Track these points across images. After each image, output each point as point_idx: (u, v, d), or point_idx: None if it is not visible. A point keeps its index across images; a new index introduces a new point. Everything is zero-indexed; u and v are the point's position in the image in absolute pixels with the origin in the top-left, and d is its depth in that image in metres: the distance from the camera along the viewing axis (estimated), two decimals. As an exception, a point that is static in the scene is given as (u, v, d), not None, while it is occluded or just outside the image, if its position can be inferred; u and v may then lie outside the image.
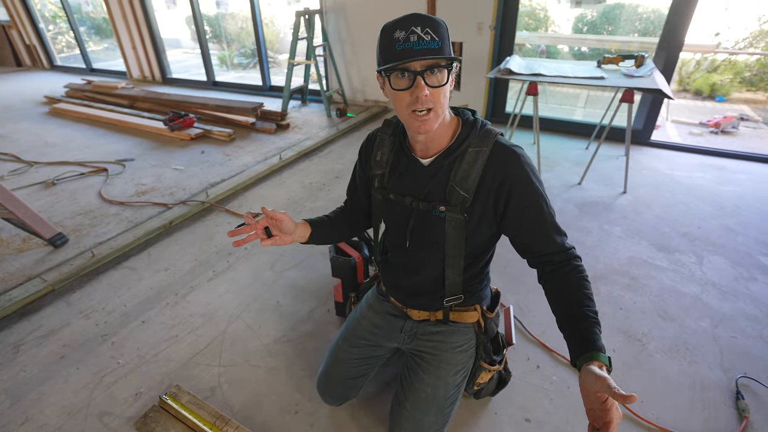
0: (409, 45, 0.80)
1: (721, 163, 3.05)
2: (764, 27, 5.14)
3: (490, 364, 1.16)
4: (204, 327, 1.67)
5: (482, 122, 0.97)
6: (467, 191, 0.93)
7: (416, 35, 0.80)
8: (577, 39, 6.31)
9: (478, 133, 0.94)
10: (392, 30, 0.81)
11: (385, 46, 0.83)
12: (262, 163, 3.12)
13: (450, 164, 0.95)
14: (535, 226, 0.94)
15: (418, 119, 0.85)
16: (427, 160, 0.97)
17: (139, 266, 2.05)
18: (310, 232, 1.11)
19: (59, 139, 3.71)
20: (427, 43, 0.80)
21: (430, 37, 0.80)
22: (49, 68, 7.03)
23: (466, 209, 0.95)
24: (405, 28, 0.80)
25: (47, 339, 1.63)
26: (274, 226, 1.00)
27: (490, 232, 1.01)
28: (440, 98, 0.85)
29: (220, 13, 8.51)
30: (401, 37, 0.80)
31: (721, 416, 1.29)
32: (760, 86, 5.20)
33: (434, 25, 0.81)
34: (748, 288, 1.81)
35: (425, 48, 0.80)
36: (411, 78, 0.82)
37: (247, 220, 0.96)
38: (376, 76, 0.90)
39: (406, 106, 0.85)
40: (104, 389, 1.42)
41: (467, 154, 0.93)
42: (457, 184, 0.94)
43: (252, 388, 1.41)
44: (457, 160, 0.94)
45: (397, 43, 0.81)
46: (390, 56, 0.82)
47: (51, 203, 2.63)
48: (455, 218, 0.96)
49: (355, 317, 1.28)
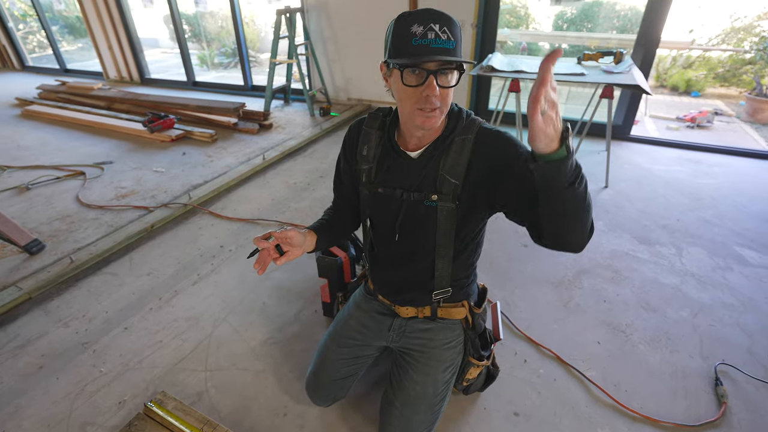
0: (426, 42, 0.78)
1: (697, 157, 3.13)
2: (735, 24, 5.30)
3: (478, 359, 1.17)
4: (189, 331, 1.64)
5: (467, 112, 0.98)
6: (457, 178, 0.94)
7: (434, 33, 0.78)
8: (558, 36, 6.40)
9: (464, 123, 0.95)
10: (410, 22, 0.79)
11: (400, 37, 0.80)
12: (246, 164, 3.08)
13: (439, 155, 0.95)
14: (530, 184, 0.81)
15: (423, 115, 0.85)
16: (416, 152, 0.97)
17: (120, 271, 2.00)
18: (317, 239, 1.09)
19: (33, 143, 3.59)
20: (444, 42, 0.79)
21: (446, 36, 0.79)
22: (20, 69, 6.80)
23: (457, 197, 0.96)
24: (423, 23, 0.78)
25: (24, 349, 1.57)
26: (285, 243, 0.98)
27: (479, 217, 1.01)
28: (448, 98, 0.85)
29: (199, 11, 8.35)
30: (419, 32, 0.78)
31: (702, 403, 1.32)
32: (732, 82, 5.35)
33: (451, 24, 0.80)
34: (725, 277, 1.87)
35: (441, 47, 0.79)
36: (423, 76, 0.81)
37: (259, 245, 0.95)
38: (381, 66, 0.89)
39: (414, 102, 0.84)
40: (86, 399, 1.38)
41: (454, 143, 0.94)
42: (446, 173, 0.94)
43: (240, 392, 1.39)
44: (445, 150, 0.95)
45: (413, 38, 0.79)
46: (406, 51, 0.80)
47: (25, 209, 2.54)
48: (447, 207, 0.96)
49: (342, 317, 1.28)
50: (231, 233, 2.28)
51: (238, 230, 2.31)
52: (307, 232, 1.07)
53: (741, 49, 5.23)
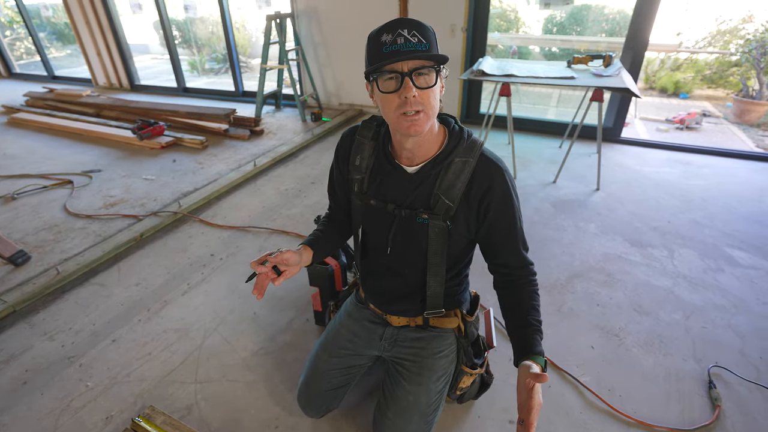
0: (396, 47, 0.79)
1: (687, 158, 3.16)
2: (721, 27, 5.38)
3: (471, 368, 1.15)
4: (179, 342, 1.61)
5: (468, 132, 0.97)
6: (452, 200, 0.93)
7: (403, 38, 0.79)
8: (548, 40, 6.45)
9: (465, 143, 0.94)
10: (379, 34, 0.81)
11: (372, 50, 0.82)
12: (236, 171, 3.05)
13: (437, 173, 0.94)
14: (506, 240, 0.98)
15: (407, 120, 0.83)
16: (413, 168, 0.96)
17: (108, 282, 1.97)
18: (312, 254, 1.08)
19: (19, 151, 3.54)
20: (415, 44, 0.79)
21: (417, 39, 0.79)
22: (7, 76, 6.71)
23: (450, 218, 0.95)
24: (391, 31, 0.79)
25: (8, 364, 1.53)
26: (281, 263, 0.96)
27: (468, 240, 1.01)
28: (430, 100, 0.84)
29: (189, 17, 8.30)
30: (388, 40, 0.79)
31: (696, 406, 1.32)
32: (719, 83, 5.43)
33: (421, 28, 0.81)
34: (716, 279, 1.87)
35: (412, 50, 0.79)
36: (398, 79, 0.81)
37: (256, 269, 0.94)
38: (366, 85, 0.89)
39: (395, 108, 0.83)
40: (72, 415, 1.34)
41: (454, 164, 0.93)
42: (442, 193, 0.93)
43: (230, 404, 1.37)
44: (444, 169, 0.94)
45: (383, 46, 0.80)
46: (376, 59, 0.81)
47: (11, 219, 2.49)
48: (438, 225, 0.95)
49: (334, 326, 1.26)
50: (222, 241, 2.26)
51: (229, 238, 2.28)
52: (303, 249, 1.05)
53: (727, 52, 5.31)
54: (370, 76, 0.84)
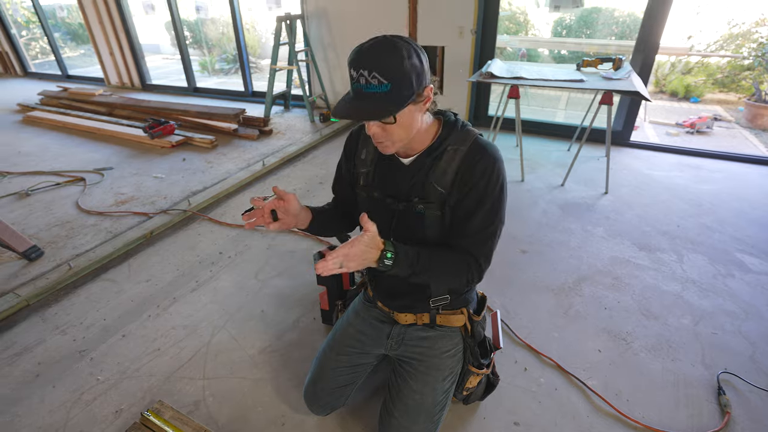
0: (359, 86, 0.82)
1: (697, 163, 3.13)
2: (733, 30, 5.32)
3: (477, 368, 1.16)
4: (187, 339, 1.63)
5: (463, 123, 0.98)
6: (444, 187, 0.94)
7: (364, 78, 0.80)
8: (557, 42, 6.43)
9: (458, 132, 0.95)
10: (350, 65, 0.83)
11: (349, 76, 0.85)
12: (245, 170, 3.08)
13: (430, 162, 0.96)
14: (464, 219, 0.95)
15: (376, 144, 0.90)
16: (408, 159, 0.98)
17: (119, 278, 2.00)
18: (311, 218, 1.09)
19: (34, 148, 3.60)
20: (375, 87, 0.80)
21: (377, 81, 0.79)
22: (23, 75, 6.83)
23: (442, 205, 0.96)
24: (356, 68, 0.81)
25: (21, 357, 1.56)
26: (280, 208, 0.99)
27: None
28: (393, 134, 0.87)
29: (201, 18, 8.39)
30: (354, 75, 0.82)
31: (704, 412, 1.31)
32: (731, 87, 5.37)
33: (384, 64, 0.78)
34: (726, 284, 1.86)
35: (372, 92, 0.80)
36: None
37: (255, 203, 0.97)
38: None
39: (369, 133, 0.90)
40: (82, 408, 1.37)
41: (446, 153, 0.94)
42: (435, 181, 0.95)
43: (237, 401, 1.38)
44: (437, 158, 0.95)
45: (352, 80, 0.83)
46: (345, 95, 0.87)
47: (25, 215, 2.54)
48: (433, 214, 0.97)
49: (341, 325, 1.27)
50: (230, 240, 2.28)
51: (237, 237, 2.31)
52: (304, 208, 1.07)
53: (739, 56, 5.25)
54: None
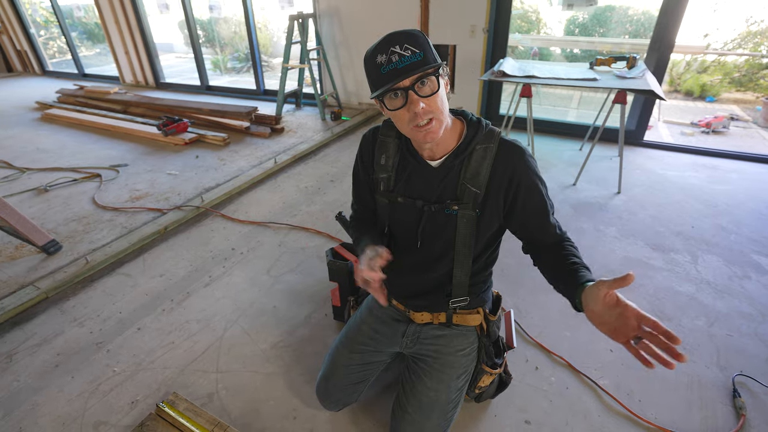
0: (393, 66, 0.82)
1: (713, 163, 3.08)
2: (752, 28, 5.21)
3: (491, 367, 1.16)
4: (201, 333, 1.66)
5: (486, 122, 0.99)
6: (479, 187, 0.95)
7: (397, 54, 0.82)
8: (569, 41, 6.36)
9: (484, 131, 0.96)
10: (373, 56, 0.84)
11: (371, 72, 0.86)
12: (257, 167, 3.11)
13: (459, 163, 0.96)
14: (538, 218, 0.98)
15: (421, 131, 0.87)
16: (436, 161, 0.98)
17: (134, 272, 2.04)
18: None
19: (51, 145, 3.68)
20: (409, 57, 0.82)
21: (410, 52, 0.82)
22: (41, 74, 6.97)
23: (478, 205, 0.96)
24: (384, 51, 0.82)
25: (41, 348, 1.61)
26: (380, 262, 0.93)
27: (497, 227, 1.02)
28: (438, 105, 0.86)
29: (214, 17, 8.48)
30: (383, 60, 0.82)
31: (719, 415, 1.29)
32: (749, 86, 5.26)
33: (411, 38, 0.83)
34: (743, 286, 1.83)
35: (408, 63, 0.81)
36: (404, 95, 0.84)
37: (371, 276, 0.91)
38: (375, 101, 0.91)
39: (407, 122, 0.86)
40: (99, 398, 1.40)
41: (476, 152, 0.95)
42: (468, 182, 0.95)
43: (250, 395, 1.40)
44: (466, 158, 0.96)
45: (381, 68, 0.83)
46: (378, 81, 0.85)
47: (44, 210, 2.60)
48: (467, 215, 0.97)
49: (355, 322, 1.28)
50: (242, 236, 2.31)
51: (250, 233, 2.33)
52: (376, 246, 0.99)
53: (758, 54, 5.15)
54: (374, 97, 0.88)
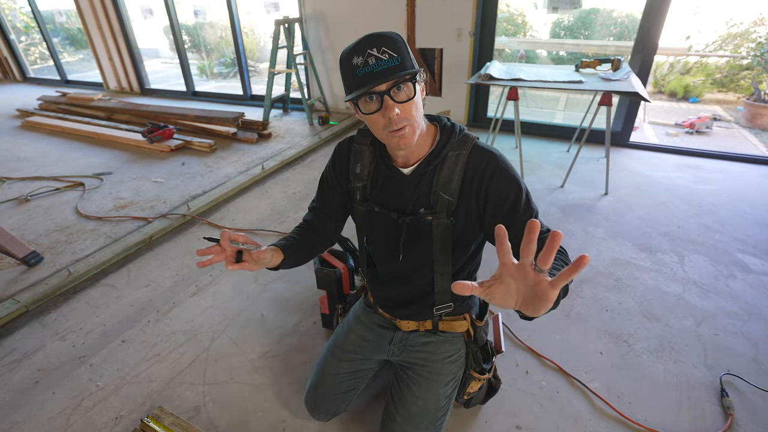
0: (369, 69, 0.79)
1: (697, 163, 3.13)
2: (732, 30, 5.33)
3: (479, 372, 1.15)
4: (187, 344, 1.63)
5: (460, 127, 0.97)
6: (451, 195, 0.93)
7: (374, 57, 0.79)
8: (555, 44, 6.44)
9: (457, 137, 0.94)
10: (349, 57, 0.81)
11: (347, 74, 0.83)
12: (244, 174, 3.08)
13: (432, 170, 0.94)
14: (514, 220, 0.88)
15: (396, 136, 0.85)
16: (408, 169, 0.96)
17: (118, 283, 1.99)
18: (282, 260, 1.01)
19: (33, 154, 3.60)
20: (387, 61, 0.80)
21: (387, 56, 0.80)
22: (22, 80, 6.84)
23: (452, 213, 0.94)
24: (361, 52, 0.80)
25: (20, 363, 1.56)
26: (251, 259, 0.91)
27: (475, 236, 1.00)
28: (412, 112, 0.84)
29: (199, 22, 8.42)
30: (360, 62, 0.80)
31: (708, 414, 1.30)
32: (730, 87, 5.37)
33: (389, 41, 0.81)
34: (728, 285, 1.85)
35: (385, 68, 0.79)
36: (378, 100, 0.82)
37: (223, 243, 0.89)
38: (349, 103, 0.88)
39: (382, 128, 0.85)
40: (82, 414, 1.36)
41: (448, 159, 0.93)
42: (440, 189, 0.93)
43: (238, 406, 1.37)
44: (438, 165, 0.94)
45: (357, 70, 0.80)
46: (353, 84, 0.82)
47: (24, 220, 2.54)
48: (442, 223, 0.95)
49: (342, 330, 1.26)
50: (230, 244, 2.27)
51: (237, 240, 2.30)
52: (275, 251, 0.99)
53: (738, 55, 5.26)
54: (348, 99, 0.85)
